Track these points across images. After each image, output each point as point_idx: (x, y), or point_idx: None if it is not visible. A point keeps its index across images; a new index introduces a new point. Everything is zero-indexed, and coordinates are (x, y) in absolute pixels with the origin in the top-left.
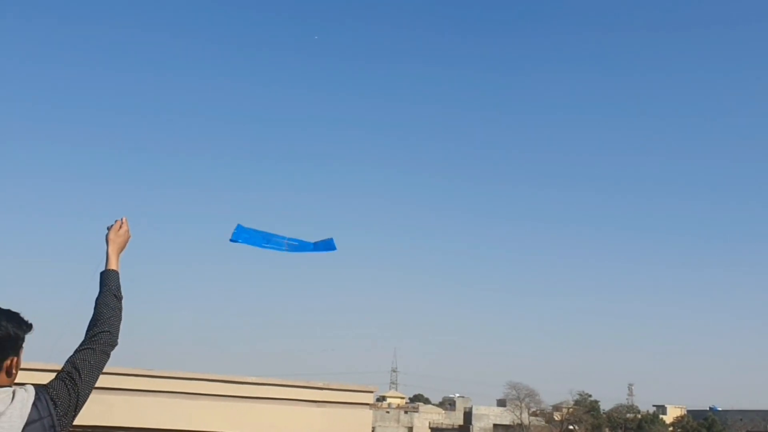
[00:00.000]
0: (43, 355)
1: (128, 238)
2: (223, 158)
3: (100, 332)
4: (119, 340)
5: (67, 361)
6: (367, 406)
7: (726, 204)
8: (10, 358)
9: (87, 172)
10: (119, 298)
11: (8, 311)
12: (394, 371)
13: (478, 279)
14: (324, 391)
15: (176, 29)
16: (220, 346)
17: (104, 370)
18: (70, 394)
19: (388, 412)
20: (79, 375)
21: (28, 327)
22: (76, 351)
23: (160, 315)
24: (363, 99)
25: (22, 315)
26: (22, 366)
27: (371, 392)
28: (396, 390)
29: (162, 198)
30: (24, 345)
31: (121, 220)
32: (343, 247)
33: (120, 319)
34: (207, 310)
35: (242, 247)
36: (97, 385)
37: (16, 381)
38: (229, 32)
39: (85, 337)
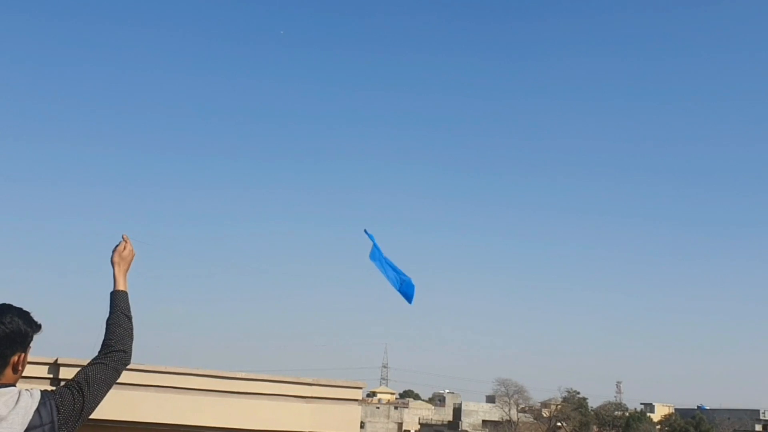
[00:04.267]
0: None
1: (133, 257)
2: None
3: (115, 351)
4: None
5: (78, 372)
6: (356, 402)
7: (718, 199)
8: (18, 354)
9: (81, 172)
10: (130, 318)
11: (19, 309)
12: (385, 367)
13: (467, 275)
14: (312, 386)
15: (167, 25)
16: (210, 342)
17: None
18: (74, 404)
19: (378, 407)
20: (89, 387)
21: (37, 327)
22: (90, 364)
23: (149, 309)
24: (358, 92)
25: (32, 315)
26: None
27: (360, 388)
28: (386, 386)
29: (156, 195)
30: (31, 344)
31: (123, 240)
32: (335, 243)
33: (132, 339)
34: (197, 306)
35: (229, 242)
36: None
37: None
38: (229, 27)
39: (99, 353)
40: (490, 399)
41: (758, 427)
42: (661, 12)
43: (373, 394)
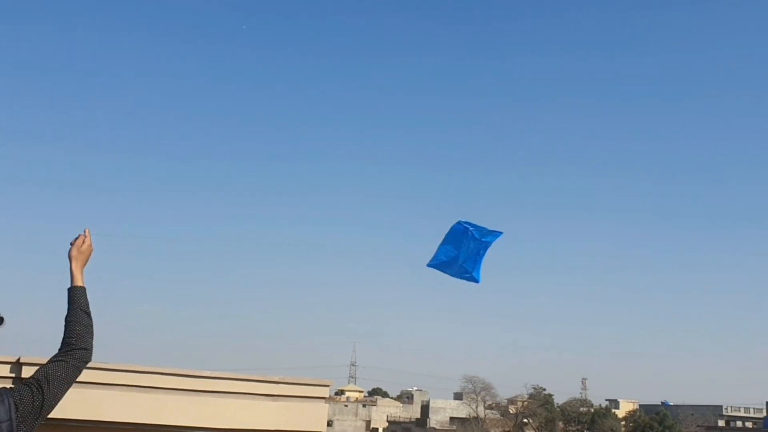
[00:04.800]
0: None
1: (91, 252)
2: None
3: (76, 348)
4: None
5: (38, 370)
6: (323, 400)
7: (693, 195)
8: None
9: (68, 170)
10: (89, 314)
11: None
12: (353, 365)
13: (433, 274)
14: (279, 385)
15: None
16: (176, 340)
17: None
18: (34, 401)
19: (346, 405)
20: (48, 385)
21: None
22: (50, 361)
23: (115, 307)
24: (354, 95)
25: None
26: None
27: (327, 386)
28: (355, 384)
29: (125, 197)
30: None
31: (84, 234)
32: (304, 241)
33: (92, 336)
34: (163, 303)
35: (199, 242)
36: None
37: None
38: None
39: (60, 351)
40: (458, 396)
41: (721, 423)
42: (661, 11)
43: (341, 392)
